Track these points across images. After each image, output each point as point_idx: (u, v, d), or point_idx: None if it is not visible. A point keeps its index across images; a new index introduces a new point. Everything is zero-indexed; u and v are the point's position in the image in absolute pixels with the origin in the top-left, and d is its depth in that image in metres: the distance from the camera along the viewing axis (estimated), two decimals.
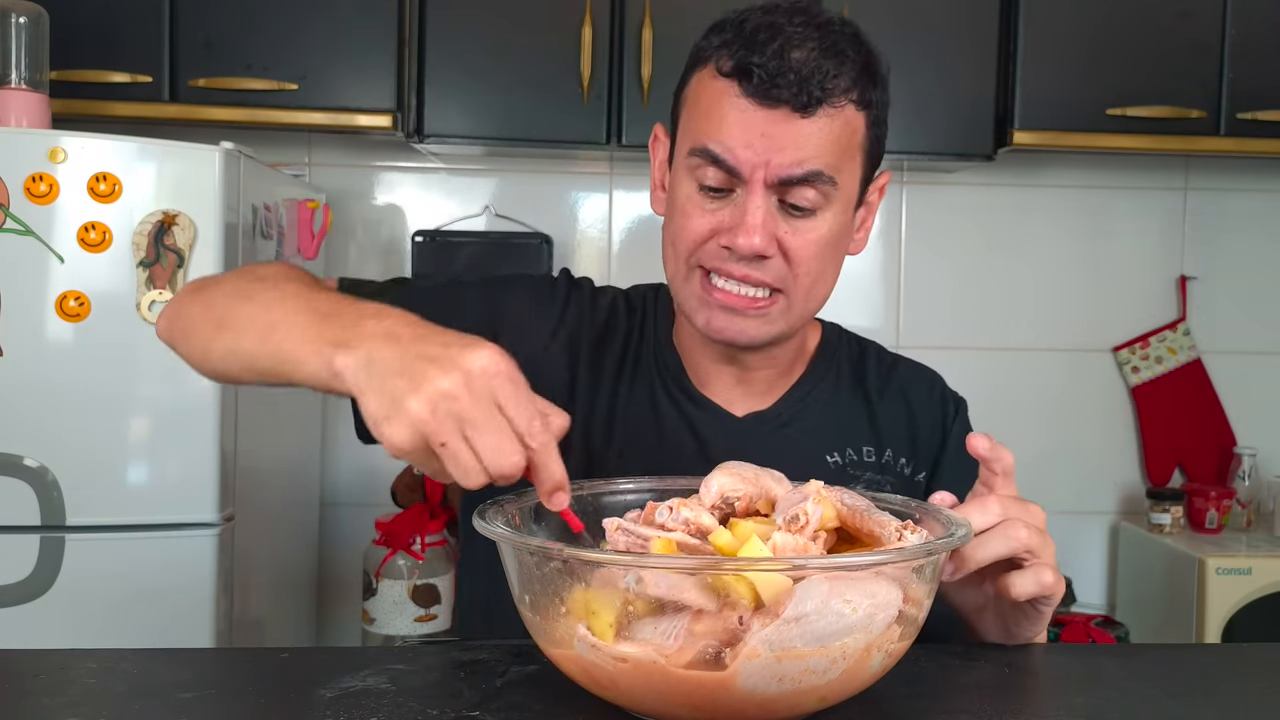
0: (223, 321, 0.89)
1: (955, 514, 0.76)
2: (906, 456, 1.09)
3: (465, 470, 0.71)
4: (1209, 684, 0.81)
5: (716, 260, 0.97)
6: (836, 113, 0.95)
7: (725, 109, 0.95)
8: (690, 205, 0.98)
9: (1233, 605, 2.25)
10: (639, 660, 0.63)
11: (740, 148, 0.94)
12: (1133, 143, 2.28)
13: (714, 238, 0.97)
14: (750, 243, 0.94)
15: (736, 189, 0.96)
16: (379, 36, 2.18)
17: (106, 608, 1.75)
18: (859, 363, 1.14)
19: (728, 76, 0.94)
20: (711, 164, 0.95)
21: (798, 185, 0.95)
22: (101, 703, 0.70)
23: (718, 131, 0.95)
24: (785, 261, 0.97)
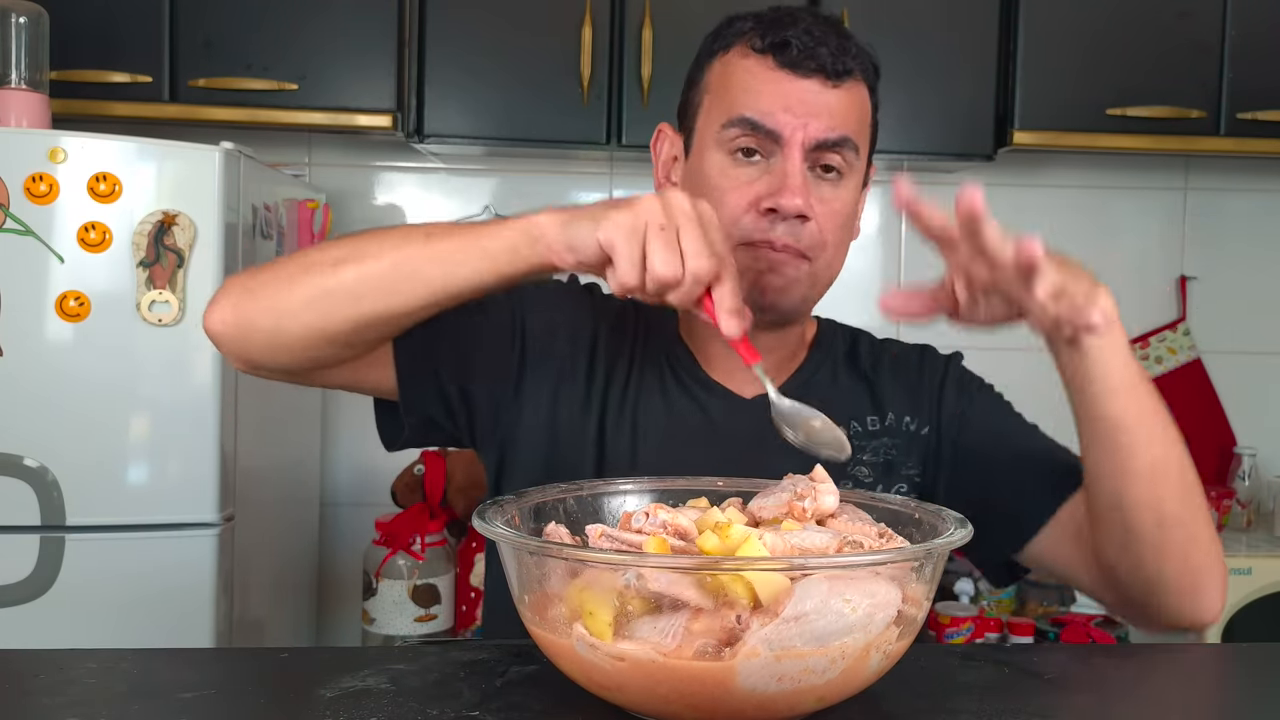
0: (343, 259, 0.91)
1: (955, 514, 0.76)
2: (910, 414, 1.12)
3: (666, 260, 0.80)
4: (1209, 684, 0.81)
5: (759, 232, 1.01)
6: (857, 89, 1.05)
7: (761, 82, 1.01)
8: (725, 179, 1.03)
9: (1233, 605, 2.25)
10: (637, 659, 0.63)
11: (780, 111, 1.00)
12: (1133, 143, 2.28)
13: (752, 209, 1.01)
14: (794, 202, 0.99)
15: (772, 155, 1.02)
16: (379, 36, 2.18)
17: (106, 608, 1.75)
18: (853, 347, 1.19)
19: (762, 53, 1.01)
20: (751, 132, 1.01)
21: (830, 150, 1.01)
22: (101, 703, 0.70)
23: (755, 101, 1.01)
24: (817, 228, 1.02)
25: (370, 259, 0.90)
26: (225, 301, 0.96)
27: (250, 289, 0.95)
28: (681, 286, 0.81)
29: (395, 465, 2.43)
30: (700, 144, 1.06)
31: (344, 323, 0.92)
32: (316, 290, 0.92)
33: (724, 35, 1.06)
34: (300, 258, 0.95)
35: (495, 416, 1.07)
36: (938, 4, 2.27)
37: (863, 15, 2.23)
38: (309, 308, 0.92)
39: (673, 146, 1.12)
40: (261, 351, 0.96)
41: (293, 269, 0.94)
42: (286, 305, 0.93)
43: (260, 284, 0.95)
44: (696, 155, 1.07)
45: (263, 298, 0.94)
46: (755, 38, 1.02)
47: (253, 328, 0.95)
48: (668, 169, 1.12)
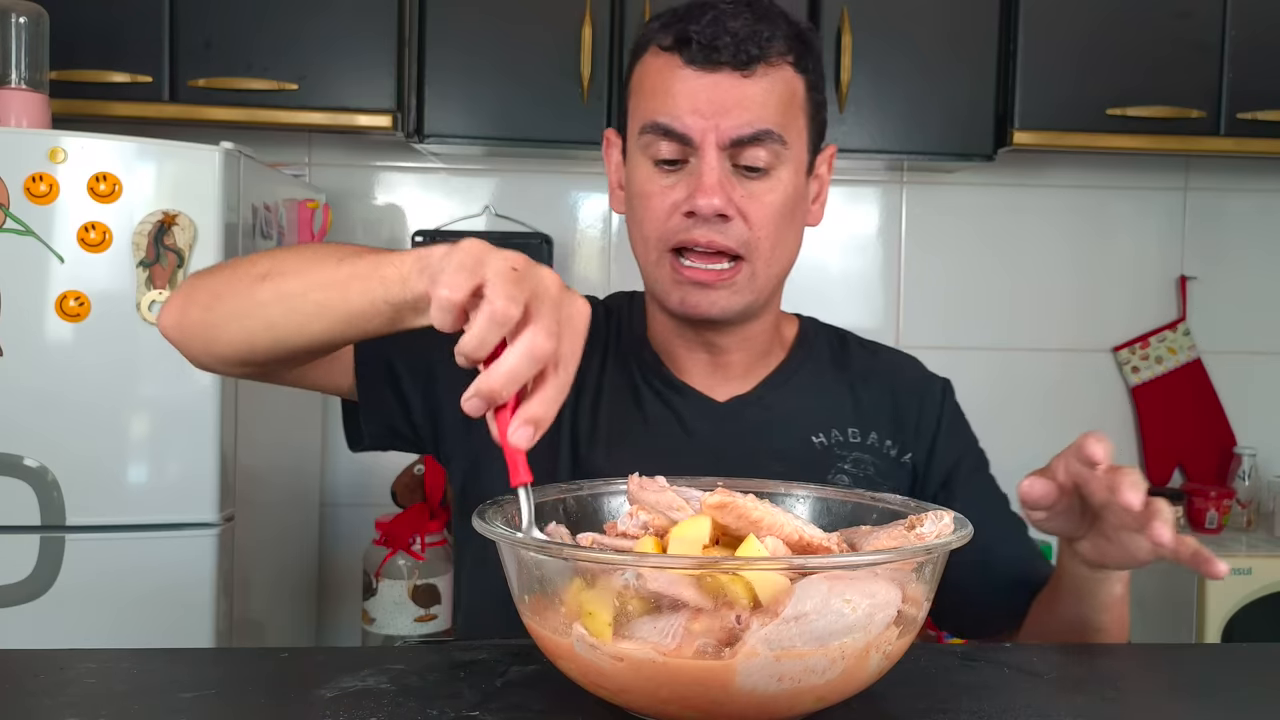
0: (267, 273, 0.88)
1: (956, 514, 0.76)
2: (891, 439, 1.10)
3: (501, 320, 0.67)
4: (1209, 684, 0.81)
5: (681, 233, 0.99)
6: (776, 73, 0.99)
7: (669, 81, 0.98)
8: (649, 186, 1.01)
9: (1233, 605, 2.25)
10: (636, 659, 0.63)
11: (688, 114, 0.97)
12: (1132, 143, 2.28)
13: (675, 212, 1.00)
14: (710, 202, 0.97)
15: (690, 159, 0.99)
16: (379, 36, 2.18)
17: (106, 608, 1.75)
18: (840, 349, 1.16)
19: (668, 50, 0.99)
20: (663, 137, 0.99)
21: (749, 145, 0.98)
22: (101, 703, 0.70)
23: (664, 104, 0.98)
24: (745, 225, 1.00)
25: (285, 278, 0.86)
26: (174, 304, 0.95)
27: (192, 294, 0.94)
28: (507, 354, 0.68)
29: (395, 465, 2.43)
30: (630, 151, 1.05)
31: (265, 344, 0.89)
32: (238, 307, 0.89)
33: (643, 36, 1.04)
34: (231, 269, 0.92)
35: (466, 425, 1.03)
36: (938, 4, 2.27)
37: (863, 15, 2.23)
38: (232, 325, 0.90)
39: (618, 151, 1.11)
40: (204, 358, 0.95)
41: (224, 277, 0.92)
42: (215, 319, 0.91)
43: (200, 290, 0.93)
44: (629, 163, 1.05)
45: (200, 307, 0.93)
46: (662, 35, 0.99)
47: (192, 336, 0.94)
48: (619, 174, 1.11)
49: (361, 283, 0.80)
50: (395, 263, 0.79)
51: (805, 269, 2.60)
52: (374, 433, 1.07)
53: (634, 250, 1.07)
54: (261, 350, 0.90)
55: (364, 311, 0.80)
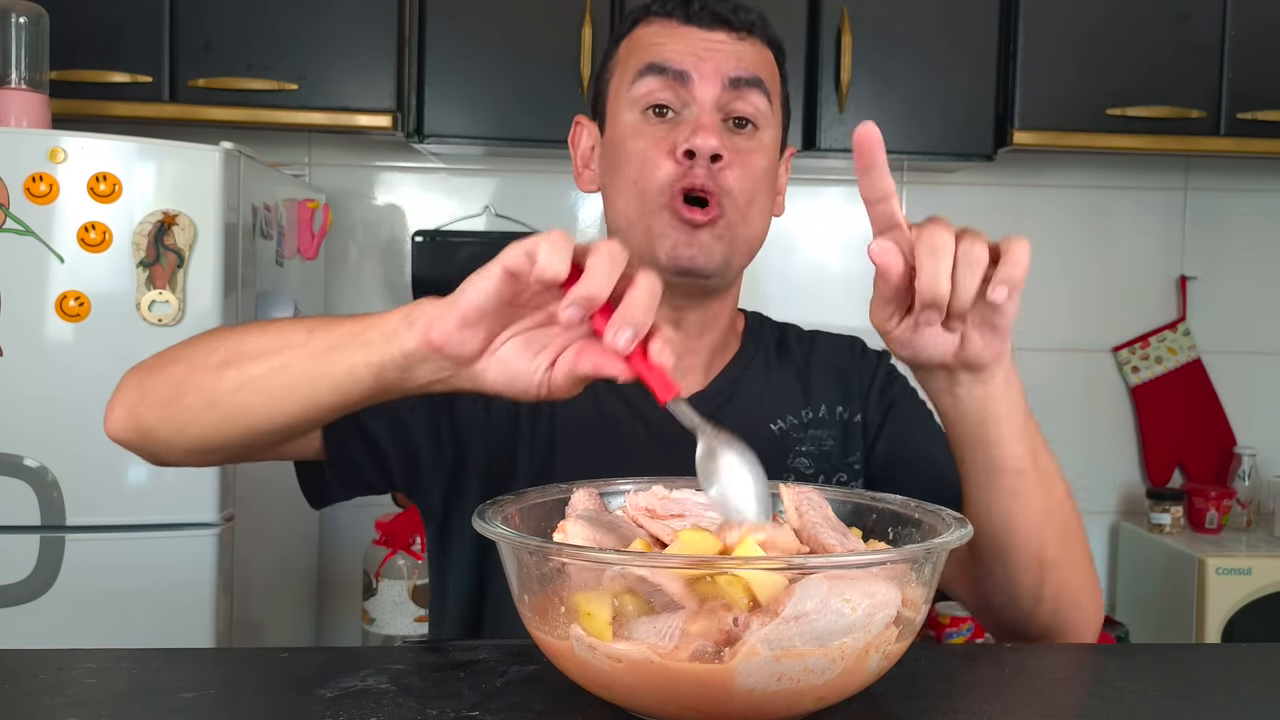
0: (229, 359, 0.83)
1: (955, 514, 0.76)
2: (842, 404, 1.12)
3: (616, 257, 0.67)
4: (1209, 684, 0.81)
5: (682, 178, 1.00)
6: (763, 47, 1.06)
7: (666, 36, 1.03)
8: (640, 136, 1.02)
9: (1233, 605, 2.25)
10: (635, 660, 0.63)
11: (686, 56, 1.01)
12: (1133, 143, 2.28)
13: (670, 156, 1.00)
14: (708, 142, 0.98)
15: (684, 108, 1.02)
16: (379, 36, 2.18)
17: (106, 608, 1.75)
18: (782, 341, 1.18)
19: (667, 15, 1.04)
20: (659, 76, 1.01)
21: (744, 89, 1.01)
22: (101, 703, 0.70)
23: (662, 50, 1.02)
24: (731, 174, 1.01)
25: (249, 361, 0.82)
26: (122, 407, 0.90)
27: (144, 394, 0.89)
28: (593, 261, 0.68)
29: None
30: (614, 113, 1.06)
31: (239, 433, 0.85)
32: (203, 400, 0.84)
33: (627, 20, 1.09)
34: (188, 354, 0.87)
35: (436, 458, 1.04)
36: (938, 4, 2.27)
37: (863, 15, 2.23)
38: (200, 419, 0.85)
39: (590, 136, 1.11)
40: (168, 457, 0.91)
41: (180, 371, 0.87)
42: (179, 417, 0.86)
43: (153, 389, 0.88)
44: (611, 127, 1.06)
45: (157, 406, 0.88)
46: (658, 5, 1.05)
47: (152, 437, 0.89)
48: (586, 159, 1.11)
49: (339, 352, 0.77)
50: (377, 325, 0.76)
51: (805, 269, 2.62)
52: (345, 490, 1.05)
53: (619, 216, 1.05)
54: (235, 439, 0.86)
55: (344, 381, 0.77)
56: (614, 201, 1.06)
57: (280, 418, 0.82)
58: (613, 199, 1.06)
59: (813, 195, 2.63)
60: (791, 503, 0.78)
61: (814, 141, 2.26)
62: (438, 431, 1.04)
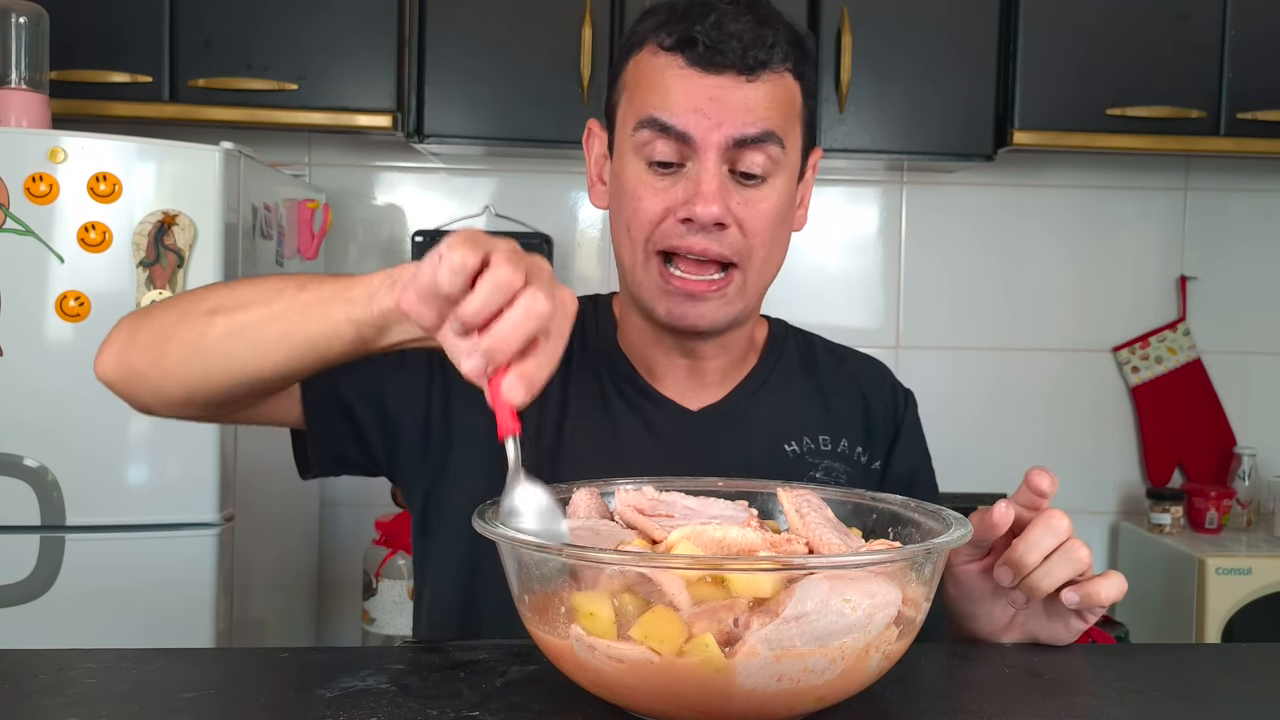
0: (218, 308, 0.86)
1: (955, 514, 0.76)
2: (863, 445, 1.10)
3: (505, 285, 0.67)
4: (1209, 684, 0.81)
5: (674, 239, 0.97)
6: (777, 79, 0.97)
7: (670, 80, 0.96)
8: (641, 186, 0.98)
9: (1233, 605, 2.25)
10: (635, 660, 0.63)
11: (690, 113, 0.95)
12: (1132, 143, 2.28)
13: (669, 216, 0.97)
14: (709, 210, 0.94)
15: (687, 162, 0.97)
16: (379, 36, 2.18)
17: (106, 608, 1.75)
18: (808, 355, 1.15)
19: (670, 50, 0.96)
20: (661, 134, 0.96)
21: (750, 148, 0.96)
22: (101, 703, 0.70)
23: (664, 101, 0.96)
24: (740, 233, 0.98)
25: (240, 310, 0.85)
26: (113, 348, 0.92)
27: (135, 337, 0.91)
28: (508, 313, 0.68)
29: None
30: (619, 146, 1.02)
31: (222, 381, 0.87)
32: (190, 345, 0.87)
33: (638, 31, 1.01)
34: (180, 303, 0.90)
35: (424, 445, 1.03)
36: (938, 4, 2.27)
37: (863, 15, 2.23)
38: (186, 364, 0.87)
39: (601, 144, 1.09)
40: (150, 401, 0.93)
41: (171, 318, 0.89)
42: (166, 361, 0.88)
43: (143, 332, 0.90)
44: (618, 158, 1.03)
45: (145, 349, 0.90)
46: (663, 34, 0.97)
47: (139, 380, 0.91)
48: (599, 166, 1.09)
49: (324, 306, 0.80)
50: (362, 283, 0.80)
51: (805, 269, 2.62)
52: (323, 461, 1.05)
53: (617, 246, 1.04)
54: (218, 388, 0.88)
55: (325, 334, 0.81)
56: (616, 241, 1.05)
57: (264, 367, 0.85)
58: (615, 238, 1.05)
59: (813, 195, 2.63)
60: (791, 505, 0.78)
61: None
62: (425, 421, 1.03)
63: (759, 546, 0.70)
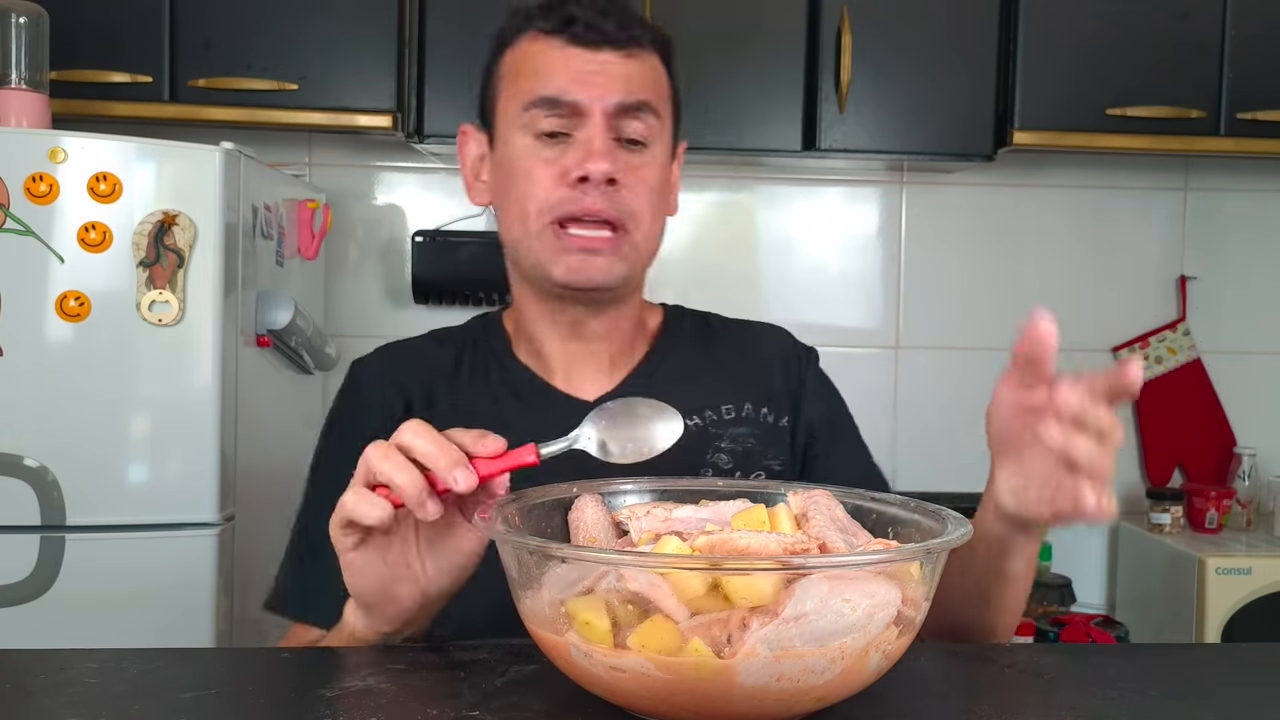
0: None
1: (955, 514, 0.76)
2: (767, 406, 1.12)
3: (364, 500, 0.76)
4: (1209, 684, 0.81)
5: (569, 203, 1.02)
6: (649, 58, 1.06)
7: (554, 60, 1.03)
8: (531, 159, 1.03)
9: (1233, 605, 2.25)
10: (635, 660, 0.63)
11: (575, 86, 1.02)
12: (1133, 143, 2.28)
13: (561, 182, 1.02)
14: (600, 167, 1.00)
15: (575, 132, 1.02)
16: (379, 36, 2.18)
17: (106, 608, 1.75)
18: (704, 331, 1.18)
19: (550, 33, 1.04)
20: (550, 109, 1.02)
21: (630, 115, 1.03)
22: (101, 703, 0.70)
23: (551, 79, 1.03)
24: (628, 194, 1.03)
25: None
26: None
27: None
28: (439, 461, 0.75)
29: None
30: (504, 133, 1.07)
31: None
32: None
33: (509, 28, 1.08)
34: None
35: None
36: (938, 4, 2.27)
37: (863, 15, 2.23)
38: None
39: (478, 145, 1.13)
40: None
41: None
42: None
43: None
44: (502, 145, 1.07)
45: None
46: (541, 21, 1.05)
47: None
48: (476, 169, 1.13)
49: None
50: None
51: (805, 269, 2.62)
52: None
53: (508, 233, 1.07)
54: None
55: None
56: (506, 221, 1.08)
57: None
58: (504, 218, 1.08)
59: (812, 195, 2.63)
60: (799, 508, 0.78)
61: (814, 142, 2.26)
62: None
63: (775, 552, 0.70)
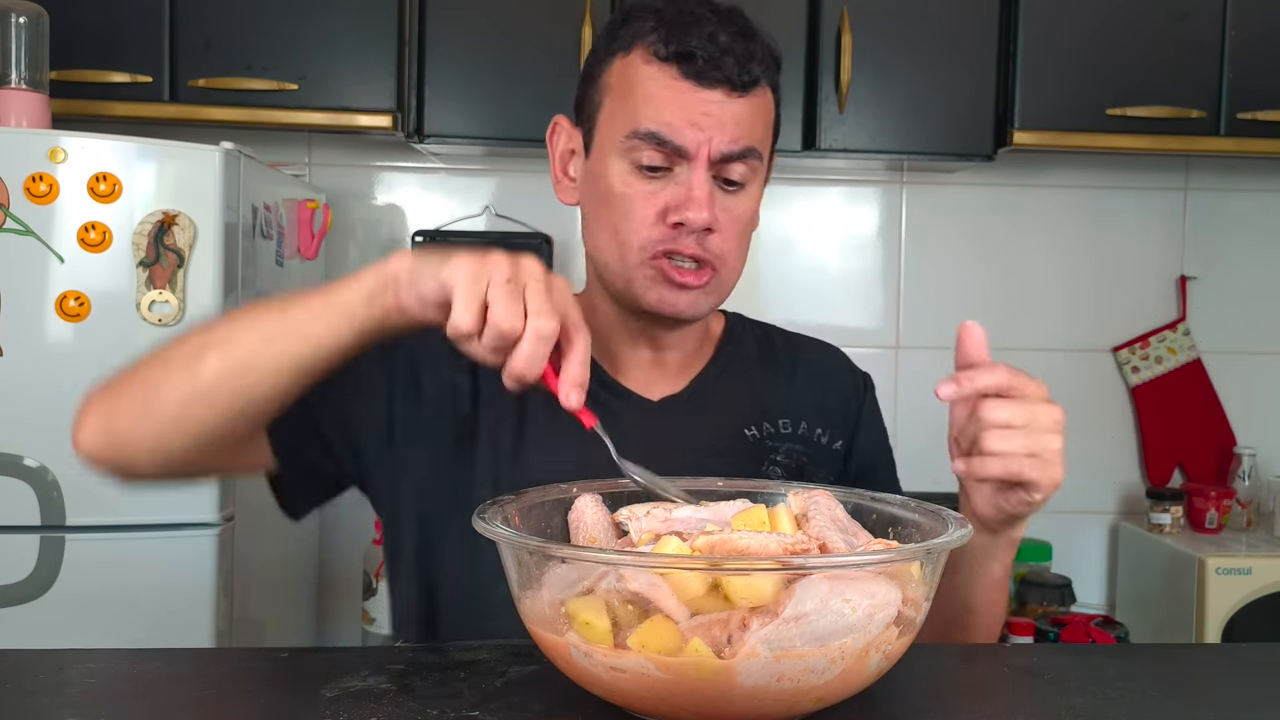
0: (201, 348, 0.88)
1: (955, 514, 0.76)
2: (822, 427, 1.13)
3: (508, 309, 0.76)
4: (1209, 684, 0.81)
5: (668, 242, 1.01)
6: (762, 94, 1.03)
7: (666, 93, 0.99)
8: (630, 189, 1.02)
9: (1233, 605, 2.25)
10: (635, 660, 0.63)
11: (685, 127, 0.99)
12: (1133, 143, 2.28)
13: (660, 220, 1.01)
14: (701, 216, 0.99)
15: (676, 167, 1.01)
16: (379, 36, 2.18)
17: (106, 608, 1.75)
18: (765, 343, 1.19)
19: (665, 61, 0.99)
20: (655, 145, 1.00)
21: (734, 161, 1.01)
22: (101, 703, 0.70)
23: (660, 113, 0.99)
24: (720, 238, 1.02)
25: (227, 344, 0.87)
26: (92, 420, 0.92)
27: (116, 402, 0.91)
28: (523, 343, 0.76)
29: None
30: (601, 147, 1.05)
31: (222, 417, 0.88)
32: (184, 391, 0.87)
33: (624, 34, 1.03)
34: (159, 357, 0.90)
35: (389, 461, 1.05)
36: (938, 4, 2.27)
37: (863, 15, 2.23)
38: (184, 413, 0.88)
39: (570, 140, 1.11)
40: (146, 465, 0.92)
41: (155, 373, 0.89)
42: (161, 414, 0.89)
43: (124, 395, 0.91)
44: (598, 158, 1.05)
45: (132, 408, 0.90)
46: (658, 44, 0.99)
47: (129, 444, 0.91)
48: (565, 162, 1.12)
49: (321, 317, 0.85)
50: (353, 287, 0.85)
51: (805, 269, 2.62)
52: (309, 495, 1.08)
53: (599, 253, 1.07)
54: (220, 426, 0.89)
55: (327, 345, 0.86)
56: (595, 239, 1.07)
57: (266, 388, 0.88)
58: (594, 236, 1.07)
59: (812, 195, 2.63)
60: (799, 507, 0.78)
61: (814, 142, 2.26)
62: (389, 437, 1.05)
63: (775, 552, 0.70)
